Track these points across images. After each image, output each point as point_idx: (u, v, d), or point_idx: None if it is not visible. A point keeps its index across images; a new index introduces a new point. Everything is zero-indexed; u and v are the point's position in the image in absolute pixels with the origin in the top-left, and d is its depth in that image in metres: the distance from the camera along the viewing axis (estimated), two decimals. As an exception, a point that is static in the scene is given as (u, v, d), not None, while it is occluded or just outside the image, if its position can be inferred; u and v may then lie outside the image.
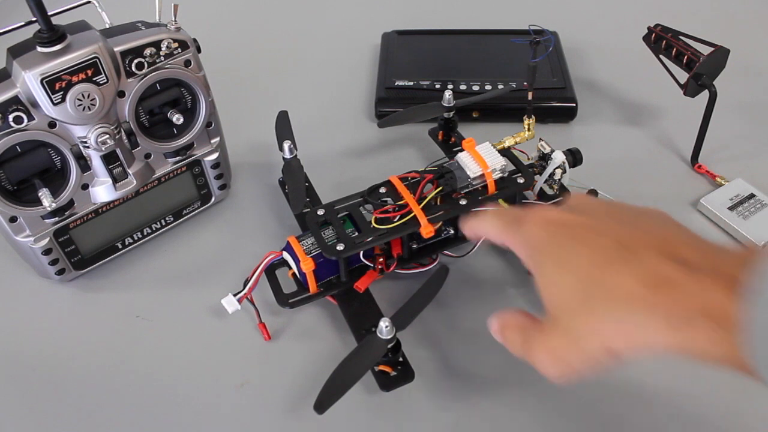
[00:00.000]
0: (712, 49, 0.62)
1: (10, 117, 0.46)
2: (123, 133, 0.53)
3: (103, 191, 0.54)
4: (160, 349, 0.54)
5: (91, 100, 0.48)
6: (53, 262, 0.56)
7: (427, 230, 0.52)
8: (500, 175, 0.55)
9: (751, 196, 0.62)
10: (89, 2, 0.55)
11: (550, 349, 0.36)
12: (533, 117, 0.61)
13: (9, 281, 0.60)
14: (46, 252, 0.55)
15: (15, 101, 0.46)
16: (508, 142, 0.61)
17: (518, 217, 0.40)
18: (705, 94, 0.63)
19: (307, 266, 0.51)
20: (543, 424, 0.49)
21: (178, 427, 0.49)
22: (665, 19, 0.67)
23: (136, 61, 0.51)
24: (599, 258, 0.34)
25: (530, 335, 0.38)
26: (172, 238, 0.63)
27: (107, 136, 0.50)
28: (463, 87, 0.74)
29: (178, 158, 0.58)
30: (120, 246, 0.60)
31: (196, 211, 0.64)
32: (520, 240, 0.39)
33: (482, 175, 0.54)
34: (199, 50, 0.55)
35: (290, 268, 0.54)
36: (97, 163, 0.52)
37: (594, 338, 0.34)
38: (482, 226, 0.44)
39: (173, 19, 0.52)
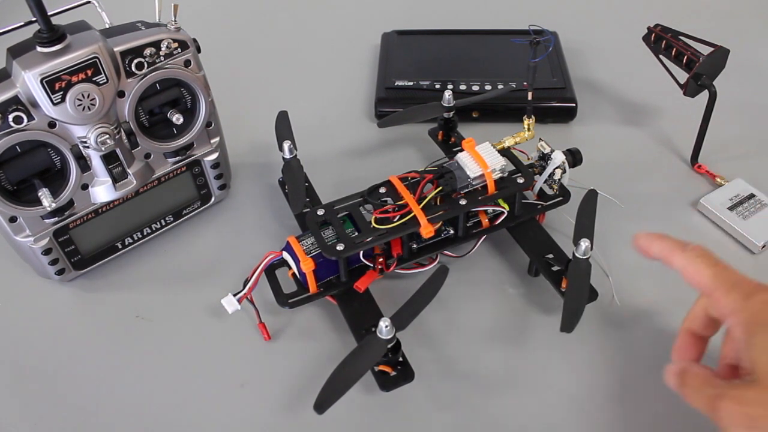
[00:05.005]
0: (712, 49, 0.62)
1: (10, 117, 0.46)
2: (123, 133, 0.53)
3: (103, 191, 0.54)
4: (160, 349, 0.54)
5: (91, 100, 0.48)
6: (53, 262, 0.56)
7: (426, 230, 0.52)
8: (500, 175, 0.55)
9: (751, 196, 0.62)
10: (89, 2, 0.55)
11: (746, 409, 0.37)
12: (533, 117, 0.61)
13: (9, 281, 0.60)
14: (46, 252, 0.55)
15: (15, 101, 0.46)
16: (508, 142, 0.60)
17: (745, 288, 0.42)
18: (705, 94, 0.63)
19: (307, 266, 0.51)
20: (543, 424, 0.49)
21: (179, 427, 0.49)
22: (665, 19, 0.67)
23: (136, 61, 0.51)
24: None
25: (723, 390, 0.39)
26: (172, 238, 0.63)
27: (107, 136, 0.50)
28: (463, 87, 0.74)
29: (177, 158, 0.58)
30: (120, 246, 0.60)
31: (196, 211, 0.64)
32: (746, 310, 0.40)
33: (482, 175, 0.54)
34: (199, 50, 0.55)
35: (290, 268, 0.54)
36: (96, 163, 0.52)
37: None
38: (693, 266, 0.44)
39: (173, 19, 0.52)
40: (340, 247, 0.51)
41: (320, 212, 0.54)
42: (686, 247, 0.45)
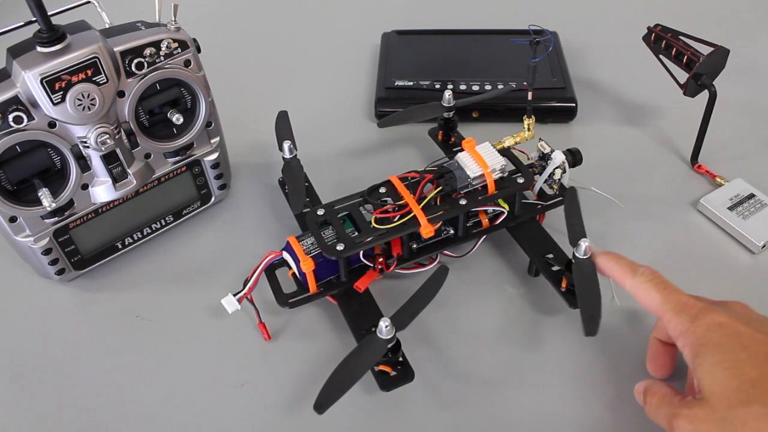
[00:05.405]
0: (712, 49, 0.62)
1: (10, 117, 0.46)
2: (123, 133, 0.53)
3: (103, 191, 0.54)
4: (160, 349, 0.54)
5: (91, 100, 0.48)
6: (53, 262, 0.56)
7: (426, 230, 0.52)
8: (500, 175, 0.55)
9: (751, 196, 0.62)
10: (89, 2, 0.55)
11: (696, 427, 0.40)
12: (533, 117, 0.61)
13: (9, 281, 0.60)
14: (46, 252, 0.55)
15: (15, 101, 0.46)
16: (508, 142, 0.61)
17: (692, 310, 0.44)
18: (705, 94, 0.63)
19: (307, 266, 0.51)
20: (543, 424, 0.49)
21: (179, 427, 0.49)
22: (665, 19, 0.67)
23: (136, 61, 0.51)
24: (765, 368, 0.40)
25: (677, 409, 0.42)
26: (172, 238, 0.63)
27: (107, 136, 0.50)
28: (463, 87, 0.74)
29: (177, 158, 0.58)
30: (120, 246, 0.60)
31: (196, 211, 0.64)
32: (692, 333, 0.43)
33: (482, 175, 0.54)
34: (199, 50, 0.55)
35: (290, 268, 0.54)
36: (96, 163, 0.52)
37: (744, 430, 0.38)
38: (643, 291, 0.47)
39: (173, 19, 0.52)
40: (340, 247, 0.51)
41: (320, 212, 0.54)
42: (636, 271, 0.47)
